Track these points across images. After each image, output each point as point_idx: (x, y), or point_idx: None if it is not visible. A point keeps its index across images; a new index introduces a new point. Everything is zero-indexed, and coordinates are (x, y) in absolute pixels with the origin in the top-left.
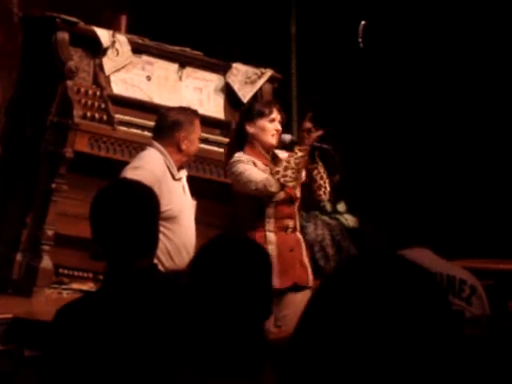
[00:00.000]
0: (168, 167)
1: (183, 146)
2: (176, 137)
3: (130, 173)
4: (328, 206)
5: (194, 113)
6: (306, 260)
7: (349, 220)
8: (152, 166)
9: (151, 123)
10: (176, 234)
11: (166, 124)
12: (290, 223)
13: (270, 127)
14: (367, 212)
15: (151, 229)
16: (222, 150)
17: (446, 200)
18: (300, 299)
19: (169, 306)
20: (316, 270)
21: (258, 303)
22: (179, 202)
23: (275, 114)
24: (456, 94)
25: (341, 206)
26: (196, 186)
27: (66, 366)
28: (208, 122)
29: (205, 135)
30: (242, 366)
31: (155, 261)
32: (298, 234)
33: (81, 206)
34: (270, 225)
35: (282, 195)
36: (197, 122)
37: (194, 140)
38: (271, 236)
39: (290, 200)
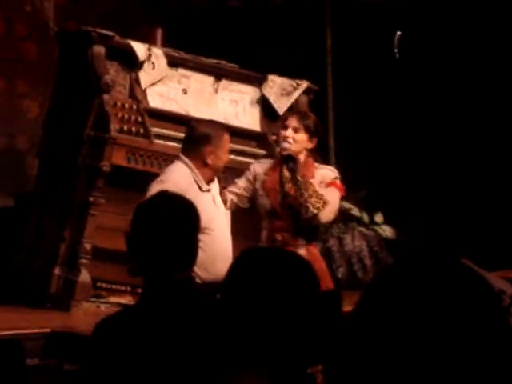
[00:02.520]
0: (195, 179)
1: (209, 161)
2: (202, 151)
3: (155, 186)
4: (365, 218)
5: (224, 127)
6: None
7: (386, 231)
8: (177, 179)
9: None
10: (208, 245)
11: (194, 137)
12: (279, 237)
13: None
14: (405, 223)
15: (190, 242)
16: (258, 161)
17: (483, 210)
18: None
19: (206, 319)
20: (354, 281)
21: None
22: (209, 213)
23: (288, 121)
24: (490, 107)
25: (378, 217)
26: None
27: (104, 380)
28: (244, 135)
29: (241, 147)
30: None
31: (192, 274)
32: (298, 250)
33: (118, 219)
34: (263, 236)
35: (267, 208)
36: (226, 137)
37: (221, 155)
38: None
39: (274, 213)
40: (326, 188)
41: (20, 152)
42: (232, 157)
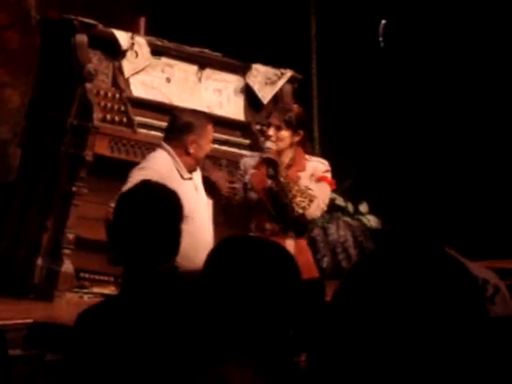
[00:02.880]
0: (176, 167)
1: (191, 150)
2: (185, 140)
3: (136, 173)
4: (350, 207)
5: (207, 117)
6: None
7: (371, 221)
8: (158, 166)
9: None
10: (190, 233)
11: (177, 126)
12: (268, 226)
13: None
14: (389, 213)
15: (173, 232)
16: (242, 151)
17: (469, 200)
18: None
19: (188, 309)
20: (338, 271)
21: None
22: (190, 201)
23: (270, 119)
24: (479, 93)
25: (363, 207)
26: (214, 186)
27: (87, 370)
28: (228, 124)
29: (225, 137)
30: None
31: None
32: (287, 240)
33: (101, 209)
34: (252, 227)
35: (255, 201)
36: (209, 127)
37: (203, 145)
38: None
39: (263, 206)
40: (316, 183)
41: (2, 142)
42: (216, 146)
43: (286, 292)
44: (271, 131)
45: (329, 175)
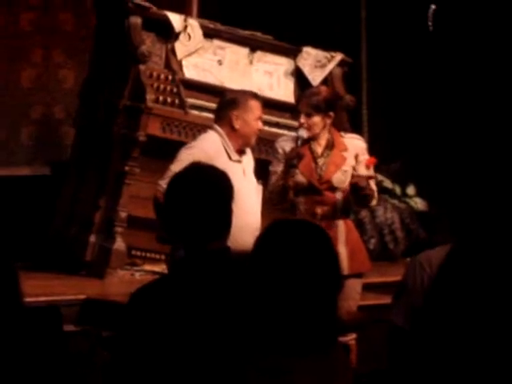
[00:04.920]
0: (225, 148)
1: (236, 125)
2: (229, 115)
3: (183, 152)
4: (398, 190)
5: (253, 94)
6: (340, 249)
7: (418, 203)
8: (205, 146)
9: None
10: (235, 215)
11: (223, 104)
12: (319, 210)
13: None
14: (437, 196)
15: (224, 212)
16: (292, 133)
17: None
18: None
19: (241, 288)
20: (385, 253)
21: (325, 279)
22: (236, 183)
23: (300, 107)
24: None
25: (410, 190)
26: (266, 169)
27: (140, 349)
28: (278, 106)
29: (275, 119)
30: (313, 343)
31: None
32: (337, 222)
33: (153, 188)
34: (300, 211)
35: (304, 185)
36: (253, 103)
37: (249, 121)
38: None
39: (313, 189)
40: (366, 169)
41: (56, 121)
42: (266, 128)
43: (328, 275)
44: (302, 119)
45: (370, 156)
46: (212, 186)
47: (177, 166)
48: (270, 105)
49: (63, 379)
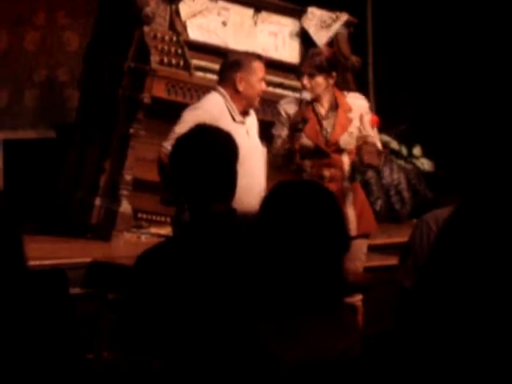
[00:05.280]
0: (228, 109)
1: (240, 88)
2: (233, 77)
3: (187, 113)
4: (404, 151)
5: (256, 55)
6: (348, 210)
7: (425, 164)
8: (209, 107)
9: None
10: (239, 178)
11: (226, 66)
12: (327, 173)
13: None
14: (443, 156)
15: (229, 174)
16: (296, 94)
17: None
18: None
19: (247, 249)
20: (391, 214)
21: (332, 240)
22: (240, 145)
23: (302, 68)
24: None
25: (417, 150)
26: (270, 130)
27: (147, 311)
28: (283, 67)
29: (280, 80)
30: (320, 304)
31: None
32: (344, 183)
33: (158, 151)
34: (307, 174)
35: (311, 148)
36: (256, 64)
37: (252, 82)
38: None
39: (319, 152)
40: (371, 128)
41: (60, 84)
42: (270, 89)
43: (335, 236)
44: (305, 80)
45: (374, 115)
46: (217, 148)
47: (181, 128)
48: (274, 66)
49: (69, 342)
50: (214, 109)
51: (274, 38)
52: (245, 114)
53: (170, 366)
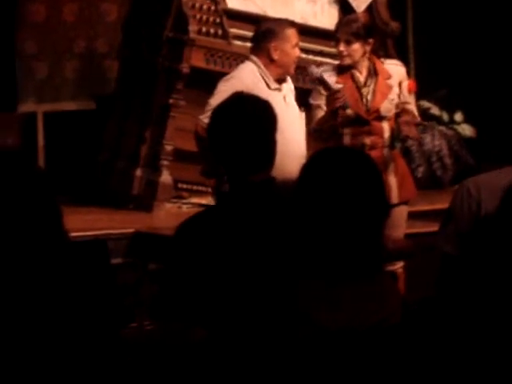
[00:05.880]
0: (263, 78)
1: (275, 57)
2: (267, 47)
3: (221, 84)
4: (445, 117)
5: (288, 22)
6: (390, 178)
7: (466, 130)
8: (243, 76)
9: None
10: (279, 145)
11: (260, 34)
12: (368, 141)
13: None
14: (485, 121)
15: (268, 142)
16: (335, 61)
17: None
18: None
19: (287, 217)
20: (433, 180)
21: (373, 207)
22: (278, 112)
23: (339, 35)
24: None
25: (458, 116)
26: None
27: (187, 279)
28: (322, 34)
29: (319, 47)
30: (361, 271)
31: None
32: (384, 151)
33: (195, 124)
34: (347, 141)
35: (351, 116)
36: (290, 32)
37: (287, 50)
38: None
39: (359, 120)
40: (409, 94)
41: (99, 55)
42: (310, 57)
43: (376, 203)
44: (342, 46)
45: (410, 80)
46: (255, 116)
47: (215, 99)
48: (313, 33)
49: (110, 311)
50: (247, 78)
51: (313, 4)
52: (281, 81)
53: (212, 335)
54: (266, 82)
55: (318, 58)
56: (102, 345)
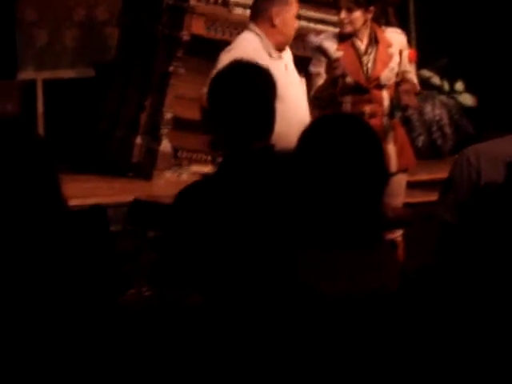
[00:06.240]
0: (264, 46)
1: (276, 22)
2: (268, 12)
3: (223, 56)
4: (446, 86)
5: None
6: (389, 146)
7: (467, 99)
8: (245, 46)
9: None
10: (282, 112)
11: (260, 1)
12: (367, 109)
13: None
14: (485, 90)
15: (268, 110)
16: (336, 30)
17: None
18: None
19: (285, 185)
20: (433, 150)
21: (372, 175)
22: (280, 81)
23: (340, 2)
24: None
25: (459, 85)
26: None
27: (186, 247)
28: (324, 3)
29: (320, 15)
30: (359, 239)
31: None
32: (384, 119)
33: (198, 89)
34: (347, 109)
35: (351, 84)
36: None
37: (288, 17)
38: None
39: (359, 88)
40: (409, 63)
41: (99, 22)
42: (311, 25)
43: (375, 170)
44: (343, 14)
45: (411, 49)
46: (254, 83)
47: None
48: (314, 1)
49: (109, 277)
50: (248, 47)
51: None
52: (281, 49)
53: (208, 302)
54: (267, 50)
55: (319, 26)
56: (102, 310)
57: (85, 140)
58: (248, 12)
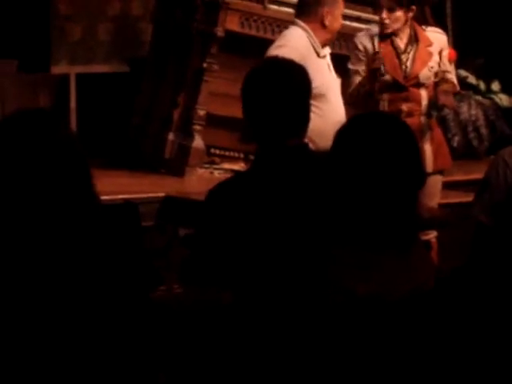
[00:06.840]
0: (312, 45)
1: (327, 22)
2: (319, 12)
3: (273, 52)
4: (482, 86)
5: None
6: (425, 146)
7: (503, 99)
8: (295, 43)
9: None
10: (326, 112)
11: (309, 0)
12: (405, 108)
13: None
14: None
15: (302, 107)
16: (374, 28)
17: None
18: None
19: (320, 184)
20: (469, 150)
21: (408, 175)
22: (326, 79)
23: (381, 1)
24: None
25: (495, 85)
26: (345, 65)
27: (218, 244)
28: (360, 0)
29: (357, 13)
30: (395, 239)
31: (307, 141)
32: (421, 119)
33: (232, 85)
34: (383, 108)
35: (389, 82)
36: None
37: (337, 16)
38: None
39: (397, 86)
40: (449, 63)
41: (134, 17)
42: (347, 23)
43: (411, 171)
44: (384, 14)
45: (450, 49)
46: (290, 80)
47: None
48: None
49: (140, 273)
50: (301, 46)
51: None
52: (324, 46)
53: (240, 300)
54: (315, 49)
55: (355, 24)
56: (133, 306)
57: (117, 135)
58: (282, 9)
